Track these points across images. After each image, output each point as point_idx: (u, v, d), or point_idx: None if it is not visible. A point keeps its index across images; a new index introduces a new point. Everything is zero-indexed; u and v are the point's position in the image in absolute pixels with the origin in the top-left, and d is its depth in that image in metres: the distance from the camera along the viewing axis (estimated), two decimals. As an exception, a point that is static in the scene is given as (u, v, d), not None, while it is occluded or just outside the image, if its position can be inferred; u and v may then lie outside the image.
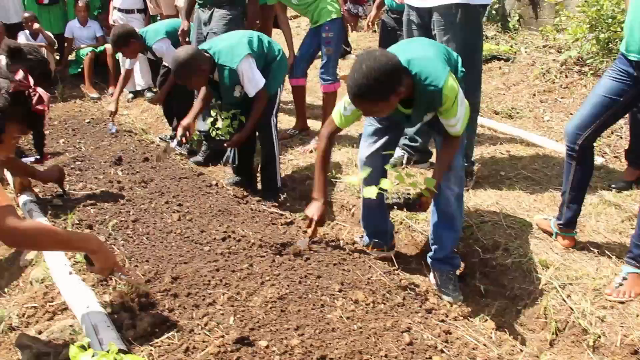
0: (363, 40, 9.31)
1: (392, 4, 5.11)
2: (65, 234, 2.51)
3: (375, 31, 5.96)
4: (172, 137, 5.92)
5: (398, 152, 4.54)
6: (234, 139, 4.34)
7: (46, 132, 2.64)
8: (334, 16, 5.06)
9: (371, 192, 3.03)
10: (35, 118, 2.41)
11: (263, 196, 4.39)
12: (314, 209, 3.30)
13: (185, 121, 4.38)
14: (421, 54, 2.94)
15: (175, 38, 5.51)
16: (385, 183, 3.01)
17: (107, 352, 2.00)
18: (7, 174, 4.36)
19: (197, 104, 4.53)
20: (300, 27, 10.01)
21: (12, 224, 2.11)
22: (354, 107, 2.96)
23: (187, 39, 5.36)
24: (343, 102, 3.15)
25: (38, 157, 4.21)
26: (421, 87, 2.86)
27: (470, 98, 3.11)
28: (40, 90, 2.40)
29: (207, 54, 4.18)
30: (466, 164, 3.94)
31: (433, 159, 4.65)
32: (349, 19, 5.16)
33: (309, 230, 3.33)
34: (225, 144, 4.39)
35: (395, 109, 3.00)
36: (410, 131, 4.47)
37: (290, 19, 7.01)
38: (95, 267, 2.47)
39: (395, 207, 3.07)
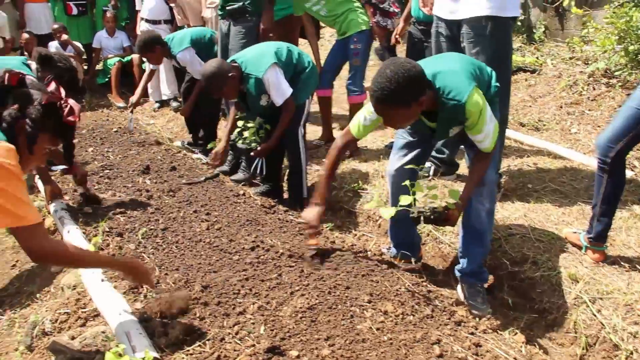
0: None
1: (420, 16, 5.12)
2: (92, 257, 2.56)
3: (398, 42, 5.96)
4: (192, 145, 5.99)
5: (425, 164, 4.54)
6: (261, 148, 4.37)
7: (75, 142, 2.68)
8: (362, 28, 5.09)
9: (388, 213, 3.06)
10: (66, 129, 2.44)
11: (289, 205, 4.42)
12: (311, 215, 3.32)
13: (220, 147, 4.54)
14: (447, 68, 2.95)
15: (199, 47, 5.56)
16: (404, 199, 3.01)
17: (142, 359, 2.02)
18: (39, 182, 4.42)
19: (228, 125, 4.62)
20: (324, 37, 10.06)
21: (39, 245, 2.18)
22: (374, 117, 2.99)
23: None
24: (364, 112, 3.16)
25: (66, 167, 4.25)
26: (444, 100, 2.87)
27: (499, 110, 3.11)
28: (71, 101, 2.43)
29: (234, 64, 4.23)
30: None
31: (460, 171, 4.65)
32: (377, 31, 5.19)
33: (309, 236, 3.34)
34: (252, 153, 4.42)
35: (420, 121, 3.02)
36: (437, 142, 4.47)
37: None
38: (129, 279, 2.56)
39: (421, 221, 3.07)
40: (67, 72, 3.69)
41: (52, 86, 2.38)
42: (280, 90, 4.24)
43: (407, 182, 3.11)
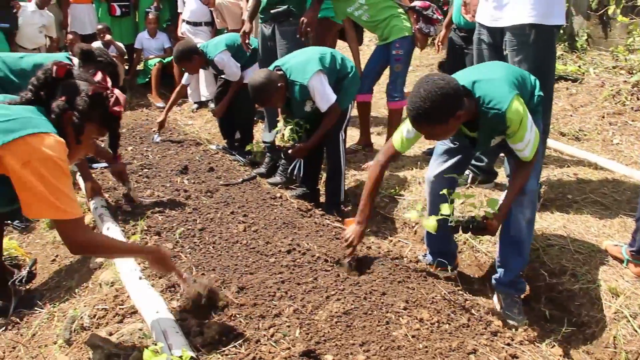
0: (426, 57, 9.29)
1: (461, 22, 5.09)
2: (126, 247, 2.61)
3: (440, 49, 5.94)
4: (227, 149, 6.03)
5: (465, 172, 4.51)
6: (299, 147, 4.39)
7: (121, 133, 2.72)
8: (405, 34, 5.08)
9: (431, 224, 3.04)
10: (112, 119, 2.48)
11: (325, 209, 4.43)
12: (354, 234, 3.33)
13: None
14: (487, 77, 2.93)
15: (234, 50, 5.61)
16: (445, 208, 3.01)
17: (180, 357, 2.04)
18: (79, 179, 4.50)
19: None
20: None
21: (82, 238, 2.25)
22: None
23: (247, 42, 5.42)
24: (406, 126, 3.15)
25: (106, 165, 4.31)
26: (485, 110, 2.85)
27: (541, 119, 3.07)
28: (117, 91, 2.47)
29: (279, 71, 4.26)
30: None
31: (498, 180, 4.60)
32: (419, 37, 5.16)
33: (347, 252, 3.34)
34: (290, 152, 4.43)
35: (460, 132, 3.00)
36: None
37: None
38: (155, 269, 2.64)
39: (459, 230, 3.06)
40: (108, 66, 3.77)
41: (99, 76, 2.42)
42: (325, 96, 4.26)
43: (445, 191, 3.09)
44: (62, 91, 2.30)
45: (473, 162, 4.53)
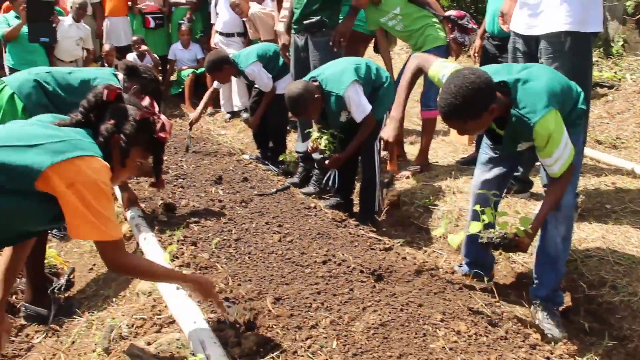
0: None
1: (494, 31, 5.05)
2: (163, 271, 2.63)
3: (469, 56, 5.92)
4: (260, 158, 6.07)
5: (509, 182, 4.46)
6: (335, 158, 4.40)
7: (165, 158, 2.77)
8: (440, 43, 5.06)
9: (456, 240, 3.09)
10: (157, 144, 2.51)
11: (359, 219, 4.43)
12: (389, 130, 3.31)
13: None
14: (531, 82, 2.89)
15: (266, 61, 5.67)
16: (473, 226, 3.00)
17: (220, 369, 2.05)
18: (116, 189, 4.57)
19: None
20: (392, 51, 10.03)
21: (122, 260, 2.31)
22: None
23: (287, 54, 5.47)
24: (445, 70, 3.08)
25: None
26: (515, 112, 2.84)
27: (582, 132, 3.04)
28: (163, 117, 2.51)
29: (315, 82, 4.28)
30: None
31: (534, 189, 4.54)
32: (454, 47, 5.14)
33: (387, 153, 3.28)
34: (325, 163, 4.44)
35: (489, 126, 3.01)
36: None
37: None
38: (195, 295, 2.65)
39: (490, 247, 3.02)
40: (151, 82, 3.83)
41: (146, 101, 2.47)
42: (360, 107, 4.28)
43: (477, 207, 3.07)
44: (110, 114, 2.34)
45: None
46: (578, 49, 3.66)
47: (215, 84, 6.35)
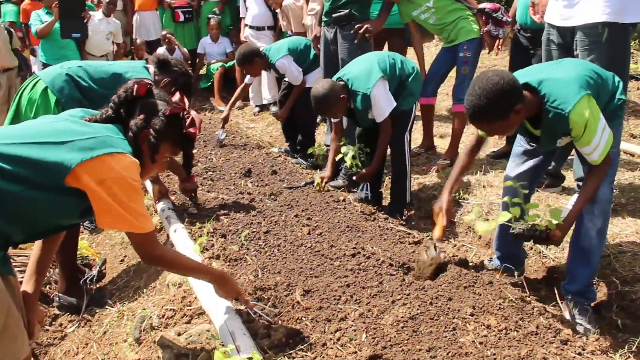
0: (487, 57, 9.12)
1: (526, 22, 4.97)
2: (196, 265, 2.64)
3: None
4: (289, 151, 6.09)
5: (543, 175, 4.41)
6: (363, 174, 4.45)
7: (194, 152, 2.77)
8: (473, 36, 5.01)
9: (484, 227, 3.08)
10: (187, 139, 2.52)
11: (389, 212, 4.43)
12: (442, 201, 3.32)
13: (326, 175, 4.64)
14: (558, 76, 2.87)
15: (297, 55, 5.67)
16: (503, 216, 2.98)
17: (249, 359, 2.06)
18: (147, 182, 4.61)
19: (331, 152, 4.70)
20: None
21: (158, 253, 2.34)
22: None
23: (318, 46, 5.47)
24: None
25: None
26: (548, 109, 2.81)
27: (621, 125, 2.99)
28: (193, 113, 2.52)
29: (341, 82, 4.31)
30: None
31: (566, 184, 4.48)
32: (488, 40, 5.07)
33: (438, 222, 3.29)
34: (354, 178, 4.48)
35: (523, 127, 3.01)
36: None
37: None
38: (220, 292, 2.62)
39: (521, 238, 3.01)
40: (182, 76, 3.85)
41: (177, 97, 2.48)
42: (381, 110, 4.30)
43: (506, 199, 3.05)
44: (140, 109, 2.35)
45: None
46: (616, 40, 3.58)
47: (248, 78, 6.36)
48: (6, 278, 2.07)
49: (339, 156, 4.58)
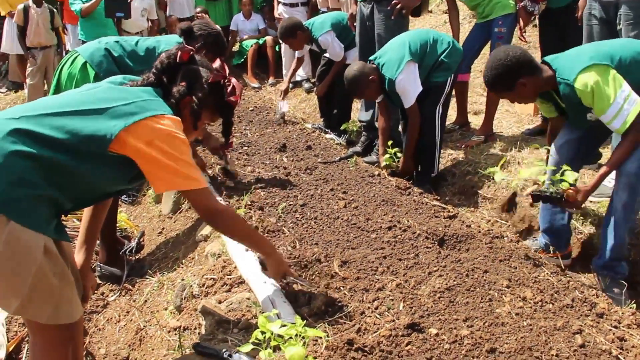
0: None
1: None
2: (252, 229, 2.65)
3: (535, 26, 5.76)
4: (322, 128, 6.12)
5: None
6: (402, 170, 4.58)
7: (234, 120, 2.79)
8: (508, 11, 4.97)
9: (526, 173, 3.24)
10: (227, 107, 2.56)
11: (417, 180, 4.53)
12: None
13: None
14: (575, 51, 3.07)
15: (339, 30, 5.67)
16: (523, 172, 3.23)
17: (293, 324, 2.12)
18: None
19: (380, 129, 4.81)
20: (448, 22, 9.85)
21: (218, 206, 2.33)
22: None
23: (354, 23, 5.49)
24: None
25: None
26: (559, 80, 3.01)
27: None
28: (234, 81, 2.55)
29: (373, 64, 4.41)
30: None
31: (603, 161, 4.45)
32: (523, 16, 5.00)
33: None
34: (394, 178, 4.51)
35: (556, 103, 3.20)
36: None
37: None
38: (269, 270, 2.64)
39: (540, 199, 3.17)
40: (209, 36, 3.90)
41: (217, 63, 2.51)
42: (407, 96, 4.35)
43: (543, 157, 3.13)
44: (183, 76, 2.36)
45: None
46: None
47: (298, 53, 6.38)
48: (60, 244, 2.13)
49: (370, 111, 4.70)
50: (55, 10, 7.86)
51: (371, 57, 4.53)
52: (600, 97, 2.78)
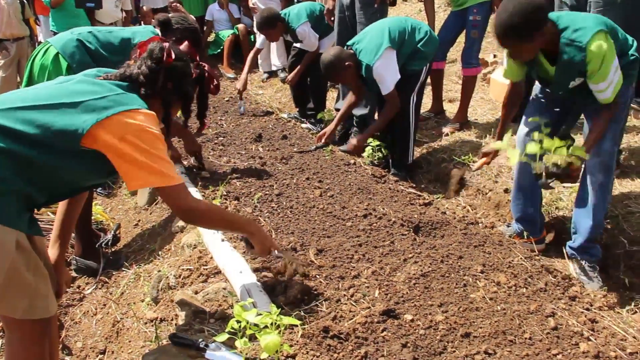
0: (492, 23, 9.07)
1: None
2: (231, 215, 2.62)
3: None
4: (297, 117, 6.12)
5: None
6: (353, 143, 4.63)
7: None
8: None
9: (514, 154, 3.11)
10: (206, 97, 2.58)
11: (393, 167, 4.56)
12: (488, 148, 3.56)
13: (329, 129, 4.79)
14: (575, 14, 2.97)
15: (314, 21, 5.66)
16: (531, 147, 3.01)
17: (268, 313, 2.13)
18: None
19: (342, 110, 4.82)
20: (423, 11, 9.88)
21: (192, 204, 2.25)
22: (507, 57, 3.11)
23: (332, 18, 5.48)
24: (503, 59, 3.30)
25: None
26: (566, 41, 2.87)
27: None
28: (208, 68, 2.54)
29: (351, 51, 4.38)
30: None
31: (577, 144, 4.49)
32: (498, 4, 5.02)
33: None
34: (348, 153, 4.61)
35: (541, 64, 3.06)
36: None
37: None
38: (255, 249, 2.60)
39: (544, 177, 3.01)
40: (186, 31, 3.87)
41: (184, 46, 2.48)
42: (384, 83, 4.34)
43: (536, 134, 3.06)
44: (170, 76, 2.33)
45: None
46: (630, 1, 3.56)
47: (259, 43, 6.36)
48: (32, 239, 2.10)
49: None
50: (25, 1, 7.72)
51: (349, 42, 4.52)
52: (606, 64, 2.78)
